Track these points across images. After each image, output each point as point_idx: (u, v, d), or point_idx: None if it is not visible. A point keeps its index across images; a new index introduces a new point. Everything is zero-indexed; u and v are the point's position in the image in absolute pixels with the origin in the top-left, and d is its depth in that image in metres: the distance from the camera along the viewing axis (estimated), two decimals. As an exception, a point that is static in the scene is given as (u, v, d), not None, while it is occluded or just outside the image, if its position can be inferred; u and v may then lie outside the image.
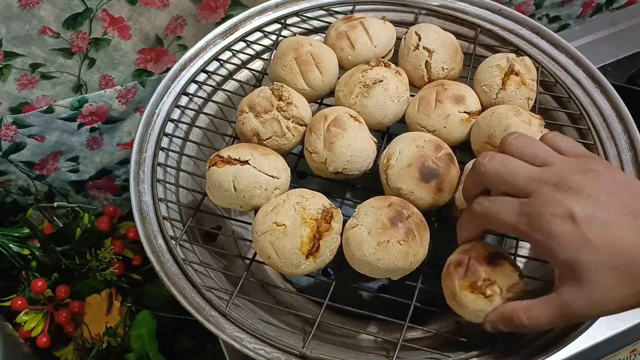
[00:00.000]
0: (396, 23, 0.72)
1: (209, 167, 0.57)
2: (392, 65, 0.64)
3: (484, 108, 0.63)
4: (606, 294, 0.42)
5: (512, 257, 0.59)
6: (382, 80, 0.62)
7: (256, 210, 0.56)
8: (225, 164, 0.56)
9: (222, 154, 0.57)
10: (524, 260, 0.65)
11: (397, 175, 0.56)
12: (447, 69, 0.66)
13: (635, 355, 0.70)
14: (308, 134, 0.60)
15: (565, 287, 0.43)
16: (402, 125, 0.65)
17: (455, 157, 0.58)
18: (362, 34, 0.67)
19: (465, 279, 0.50)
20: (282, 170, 0.57)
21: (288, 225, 0.52)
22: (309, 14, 0.76)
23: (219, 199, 0.57)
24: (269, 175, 0.56)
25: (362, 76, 0.62)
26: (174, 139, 0.67)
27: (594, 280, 0.41)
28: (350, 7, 0.76)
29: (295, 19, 0.76)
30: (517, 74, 0.63)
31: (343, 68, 0.67)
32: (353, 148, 0.58)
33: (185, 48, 0.86)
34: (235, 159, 0.56)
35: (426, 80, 0.66)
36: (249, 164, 0.55)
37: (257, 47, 0.74)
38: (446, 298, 0.52)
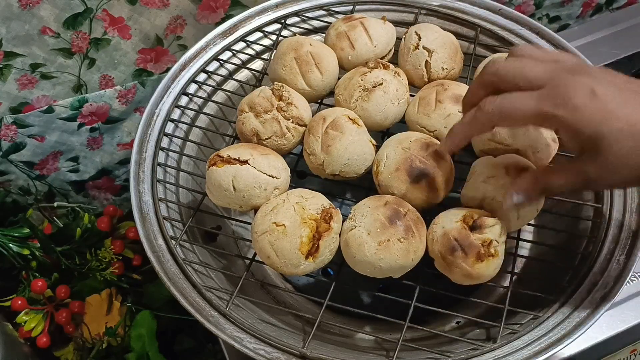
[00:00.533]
0: (396, 23, 0.72)
1: (209, 167, 0.57)
2: (391, 66, 0.64)
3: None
4: (622, 160, 0.44)
5: (512, 257, 0.59)
6: (381, 84, 0.62)
7: (256, 210, 0.56)
8: (224, 164, 0.56)
9: (221, 154, 0.57)
10: (524, 260, 0.65)
11: (387, 181, 0.57)
12: (446, 69, 0.66)
13: (635, 355, 0.70)
14: (307, 135, 0.60)
15: (585, 155, 0.46)
16: (402, 125, 0.65)
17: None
18: (362, 34, 0.67)
19: (468, 257, 0.51)
20: (281, 170, 0.57)
21: (287, 226, 0.52)
22: (309, 14, 0.76)
23: (219, 199, 0.57)
24: (269, 175, 0.56)
25: (362, 79, 0.62)
26: (174, 139, 0.67)
27: (613, 147, 0.44)
28: (350, 7, 0.76)
29: (295, 19, 0.76)
30: None
31: (343, 68, 0.67)
32: (350, 152, 0.58)
33: (185, 48, 0.86)
34: (234, 159, 0.56)
35: (426, 80, 0.66)
36: (249, 164, 0.55)
37: (257, 47, 0.74)
38: (460, 282, 0.53)
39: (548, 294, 0.57)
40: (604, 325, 0.64)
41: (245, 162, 0.56)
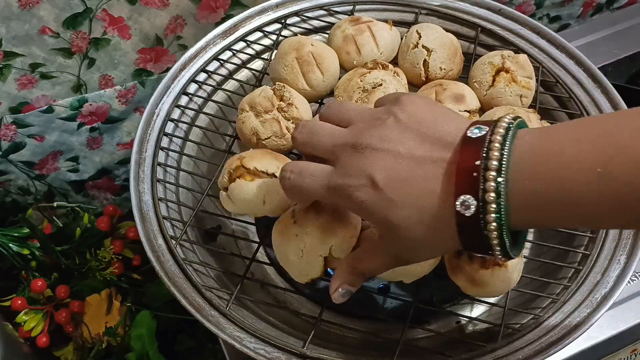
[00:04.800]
0: (396, 23, 0.72)
1: (235, 179, 0.54)
2: (390, 67, 0.64)
3: (479, 105, 0.64)
4: (417, 245, 0.41)
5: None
6: (381, 84, 0.61)
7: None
8: (252, 177, 0.54)
9: (246, 165, 0.54)
10: (524, 260, 0.65)
11: None
12: (445, 69, 0.66)
13: (635, 355, 0.70)
14: (306, 137, 0.60)
15: (386, 239, 0.43)
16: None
17: None
18: (370, 39, 0.67)
19: (473, 262, 0.51)
20: None
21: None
22: (309, 14, 0.76)
23: (238, 209, 0.56)
24: None
25: (361, 81, 0.62)
26: (174, 139, 0.67)
27: (406, 234, 0.40)
28: (351, 7, 0.76)
29: (296, 19, 0.76)
30: (507, 71, 0.63)
31: (345, 70, 0.67)
32: None
33: (185, 48, 0.86)
34: (262, 172, 0.54)
35: (423, 79, 0.66)
36: (277, 177, 0.53)
37: (257, 47, 0.74)
38: (465, 289, 0.53)
39: (548, 293, 0.57)
40: (604, 325, 0.64)
41: (273, 175, 0.54)
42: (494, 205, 0.36)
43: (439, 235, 0.40)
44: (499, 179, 0.36)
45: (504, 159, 0.36)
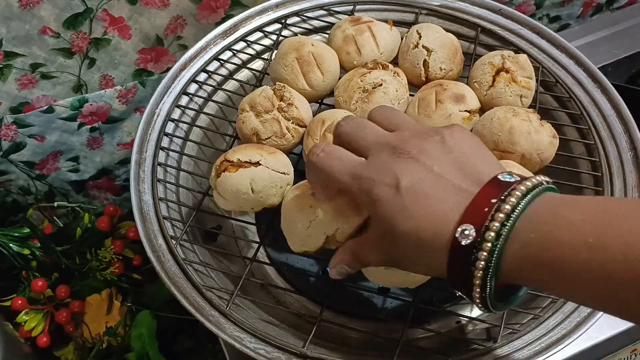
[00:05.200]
0: (396, 23, 0.72)
1: (220, 173, 0.56)
2: (390, 66, 0.64)
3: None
4: (410, 257, 0.42)
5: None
6: (381, 84, 0.61)
7: (266, 209, 0.56)
8: (236, 168, 0.55)
9: (230, 158, 0.56)
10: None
11: None
12: (445, 69, 0.66)
13: (635, 355, 0.70)
14: (306, 137, 0.60)
15: (385, 240, 0.43)
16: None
17: None
18: (370, 40, 0.67)
19: None
20: (289, 165, 0.58)
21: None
22: (309, 14, 0.76)
23: (233, 204, 0.57)
24: (281, 173, 0.56)
25: (361, 81, 0.62)
26: (175, 139, 0.67)
27: (403, 244, 0.41)
28: (351, 7, 0.76)
29: (296, 19, 0.76)
30: (507, 71, 0.64)
31: (345, 70, 0.67)
32: None
33: (185, 48, 0.86)
34: (246, 162, 0.56)
35: (423, 79, 0.66)
36: (261, 165, 0.55)
37: (258, 47, 0.74)
38: None
39: (548, 293, 0.57)
40: (604, 325, 0.64)
41: (257, 163, 0.55)
42: (489, 245, 0.37)
43: (432, 256, 0.40)
44: (506, 223, 0.37)
45: (518, 208, 0.37)
